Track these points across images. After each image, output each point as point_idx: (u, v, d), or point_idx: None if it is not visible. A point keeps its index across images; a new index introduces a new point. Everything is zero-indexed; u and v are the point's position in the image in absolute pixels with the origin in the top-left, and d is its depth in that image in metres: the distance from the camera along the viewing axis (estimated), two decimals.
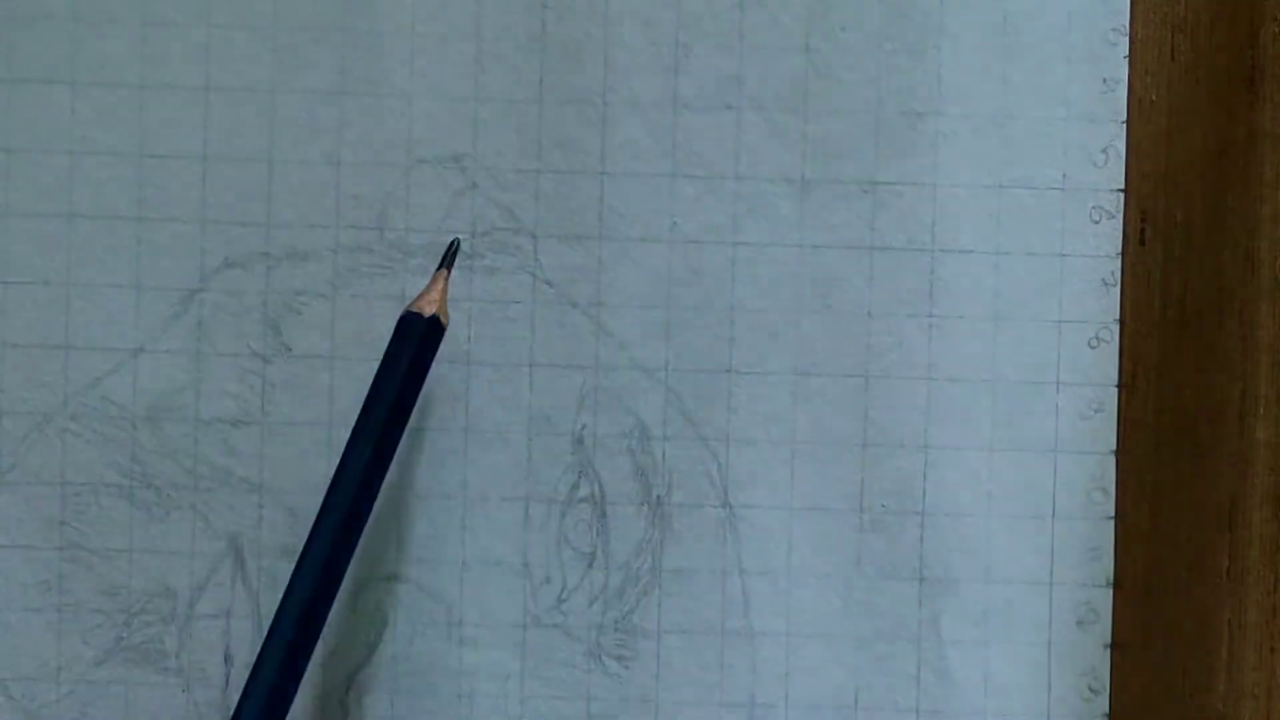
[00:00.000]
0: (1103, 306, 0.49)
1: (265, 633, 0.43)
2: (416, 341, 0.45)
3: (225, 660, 0.48)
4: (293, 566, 0.44)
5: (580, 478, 0.48)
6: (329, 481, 0.44)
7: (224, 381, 0.48)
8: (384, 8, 0.48)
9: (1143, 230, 0.49)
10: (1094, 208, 0.49)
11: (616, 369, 0.48)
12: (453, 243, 0.46)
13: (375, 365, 0.47)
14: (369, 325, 0.48)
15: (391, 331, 0.45)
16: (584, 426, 0.48)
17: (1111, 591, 0.48)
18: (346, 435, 0.46)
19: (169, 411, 0.48)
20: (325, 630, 0.44)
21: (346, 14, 0.48)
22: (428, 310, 0.45)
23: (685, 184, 0.48)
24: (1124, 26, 0.49)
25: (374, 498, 0.44)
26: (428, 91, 0.48)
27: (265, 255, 0.48)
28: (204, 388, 0.48)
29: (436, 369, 0.48)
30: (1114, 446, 0.49)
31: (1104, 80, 0.49)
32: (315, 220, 0.48)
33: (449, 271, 0.46)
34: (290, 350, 0.48)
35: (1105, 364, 0.49)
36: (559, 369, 0.48)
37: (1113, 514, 0.49)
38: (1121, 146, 0.49)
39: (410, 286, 0.48)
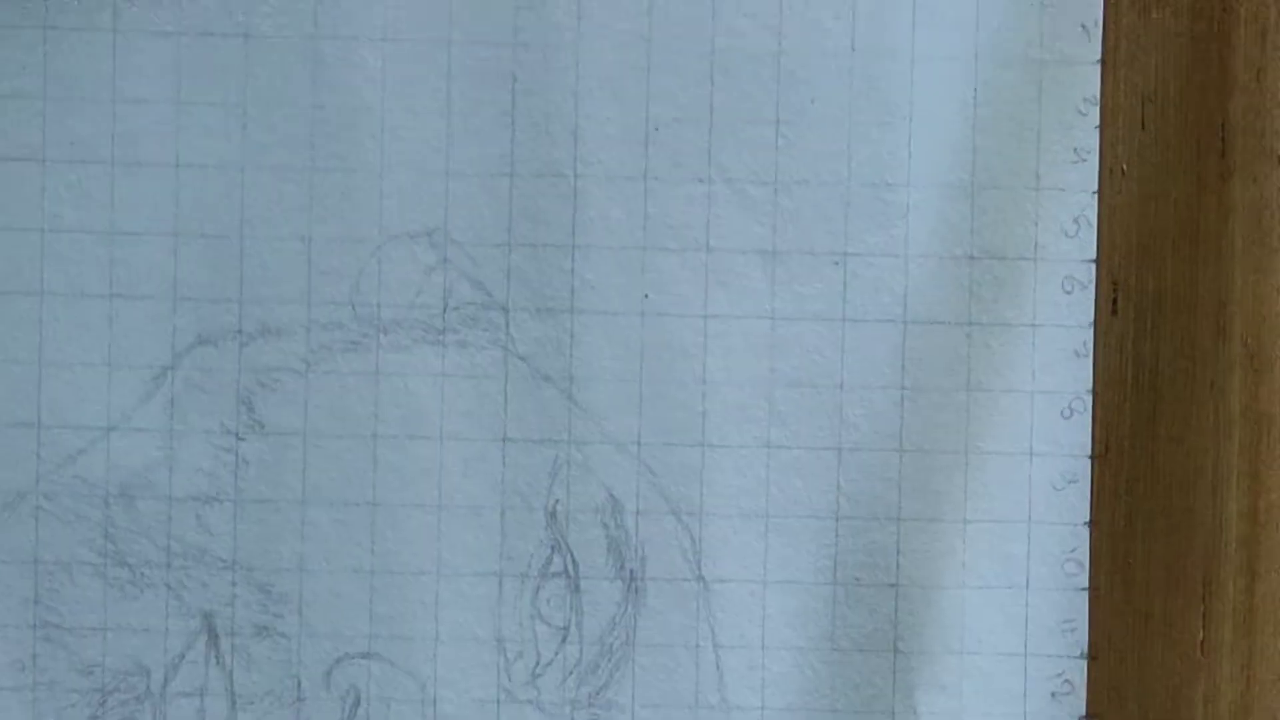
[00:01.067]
0: (1075, 377, 0.49)
1: (238, 710, 0.43)
2: None
3: None
4: (266, 645, 0.44)
5: (553, 552, 0.48)
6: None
7: (197, 459, 0.48)
8: (353, 83, 0.48)
9: (1115, 300, 0.49)
10: (1066, 278, 0.49)
11: (589, 443, 0.48)
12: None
13: (349, 442, 0.48)
14: (342, 402, 0.48)
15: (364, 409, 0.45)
16: (557, 501, 0.48)
17: (1086, 663, 0.48)
18: (320, 512, 0.47)
19: (142, 489, 0.48)
20: (298, 709, 0.44)
21: (316, 90, 0.48)
22: None
23: (657, 256, 0.48)
24: (1094, 97, 0.49)
25: None
26: (398, 166, 0.48)
27: (237, 332, 0.48)
28: (177, 465, 0.48)
29: (410, 443, 0.48)
30: (1088, 518, 0.49)
31: (1074, 150, 0.49)
32: (287, 296, 0.48)
33: None
34: (263, 427, 0.48)
35: (1078, 434, 0.49)
36: (531, 443, 0.48)
37: (1087, 585, 0.49)
38: (1093, 217, 0.49)
39: (384, 362, 0.48)
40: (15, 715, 0.48)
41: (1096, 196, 0.49)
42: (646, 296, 0.48)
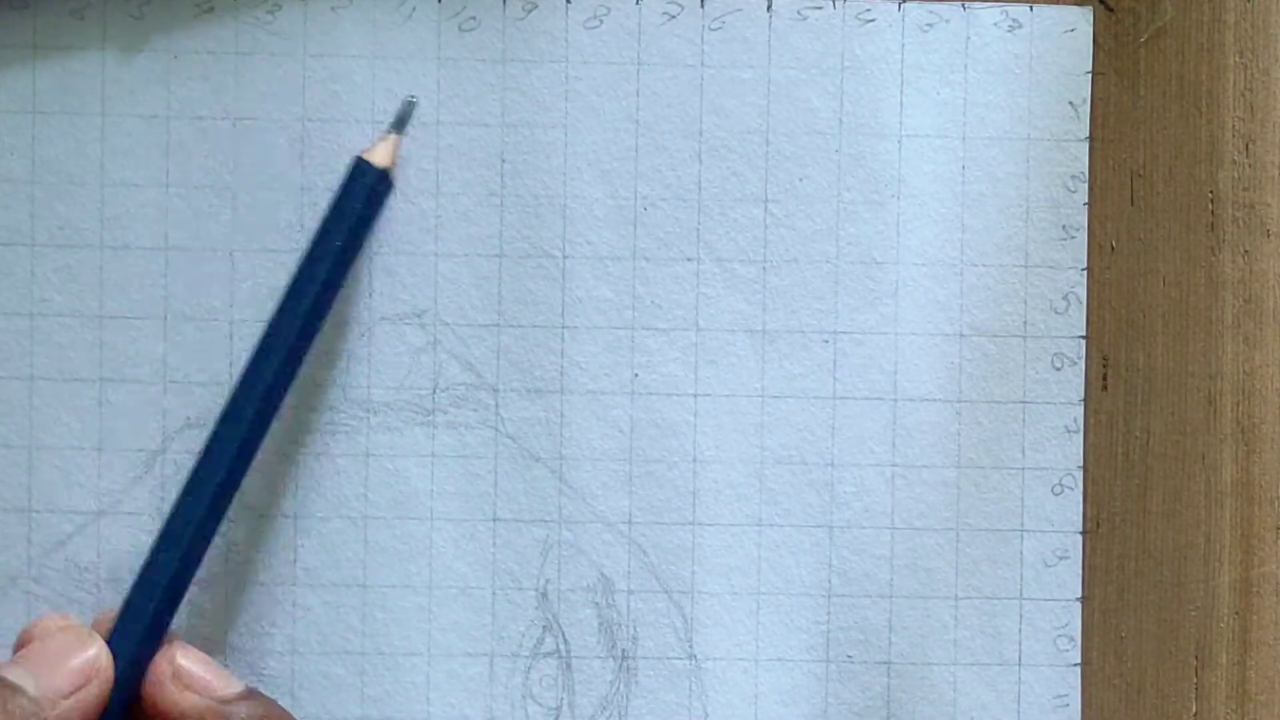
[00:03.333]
0: (1065, 453, 0.49)
1: None
2: (366, 190, 0.46)
3: None
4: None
5: (545, 632, 0.48)
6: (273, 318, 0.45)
7: None
8: (341, 165, 0.48)
9: (1105, 376, 0.49)
10: (1055, 354, 0.49)
11: (580, 522, 0.48)
12: (407, 101, 0.47)
13: (339, 524, 0.48)
14: (332, 483, 0.48)
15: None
16: (548, 581, 0.48)
17: None
18: (311, 595, 0.47)
19: (133, 573, 0.48)
20: None
21: (304, 172, 0.48)
22: (379, 161, 0.46)
23: (646, 336, 0.48)
24: (1083, 173, 0.49)
25: (308, 345, 0.46)
26: (387, 248, 0.48)
27: None
28: None
29: (401, 524, 0.48)
30: (1079, 593, 0.49)
31: (1063, 227, 0.49)
32: None
33: (400, 134, 0.47)
34: (253, 509, 0.48)
35: (1069, 510, 0.49)
36: (522, 523, 0.48)
37: (1079, 660, 0.49)
38: (1082, 293, 0.49)
39: (374, 443, 0.48)
40: None
41: (1086, 273, 0.49)
42: (636, 376, 0.48)
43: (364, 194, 0.46)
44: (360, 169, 0.46)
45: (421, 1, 0.48)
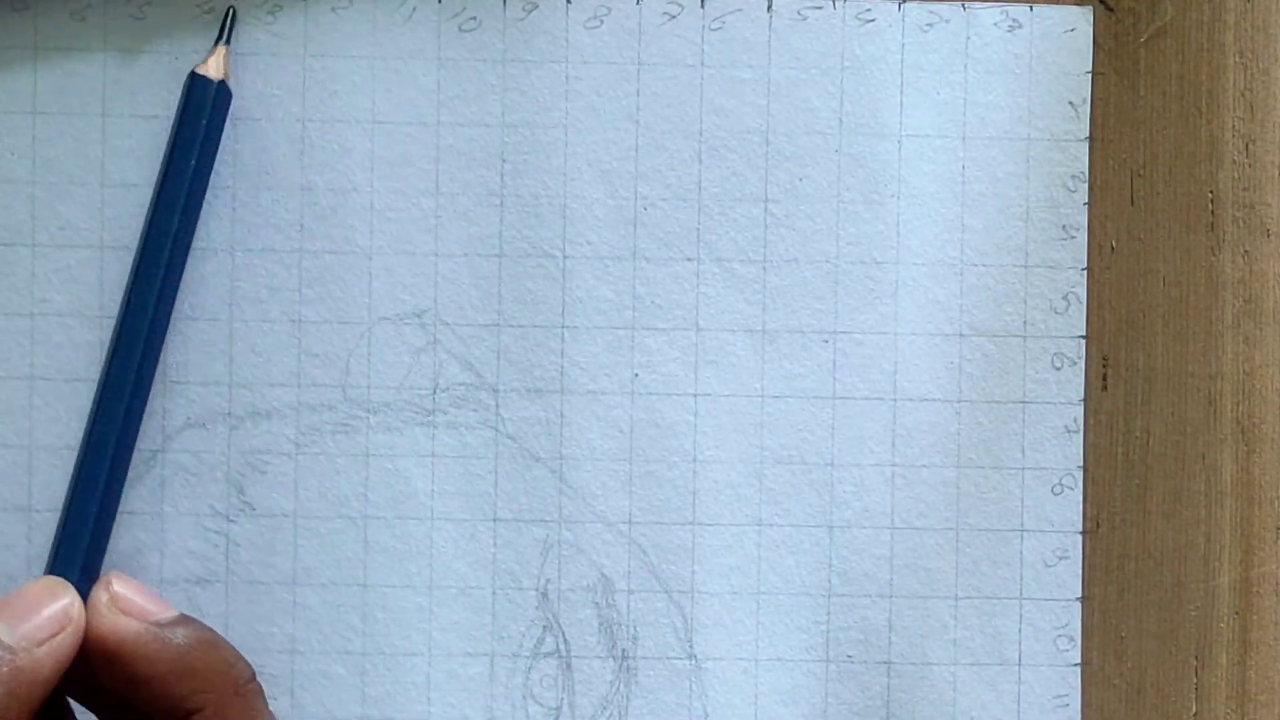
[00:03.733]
0: (1065, 453, 0.49)
1: None
2: (208, 104, 0.47)
3: None
4: None
5: (545, 632, 0.48)
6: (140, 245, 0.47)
7: (187, 541, 0.48)
8: (342, 165, 0.48)
9: (1105, 376, 0.49)
10: (1055, 354, 0.49)
11: (580, 522, 0.48)
12: (228, 12, 0.48)
13: (339, 523, 0.48)
14: (332, 483, 0.48)
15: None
16: (548, 581, 0.48)
17: None
18: (311, 594, 0.47)
19: (133, 572, 0.48)
20: None
21: (305, 172, 0.48)
22: (214, 74, 0.47)
23: (646, 336, 0.48)
24: (1083, 173, 0.49)
25: (181, 267, 0.47)
26: (387, 248, 0.48)
27: (227, 415, 0.48)
28: (167, 548, 0.48)
29: (401, 524, 0.48)
30: (1079, 593, 0.49)
31: (1063, 227, 0.49)
32: (277, 379, 0.48)
33: (228, 46, 0.48)
34: (254, 509, 0.48)
35: (1069, 510, 0.49)
36: (522, 523, 0.48)
37: (1079, 661, 0.49)
38: (1082, 293, 0.49)
39: (374, 444, 0.48)
40: None
41: (1086, 273, 0.49)
42: (636, 376, 0.48)
43: (206, 108, 0.47)
44: (196, 83, 0.47)
45: (422, 2, 0.48)
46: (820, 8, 0.48)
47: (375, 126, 0.48)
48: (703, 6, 0.48)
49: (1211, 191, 0.48)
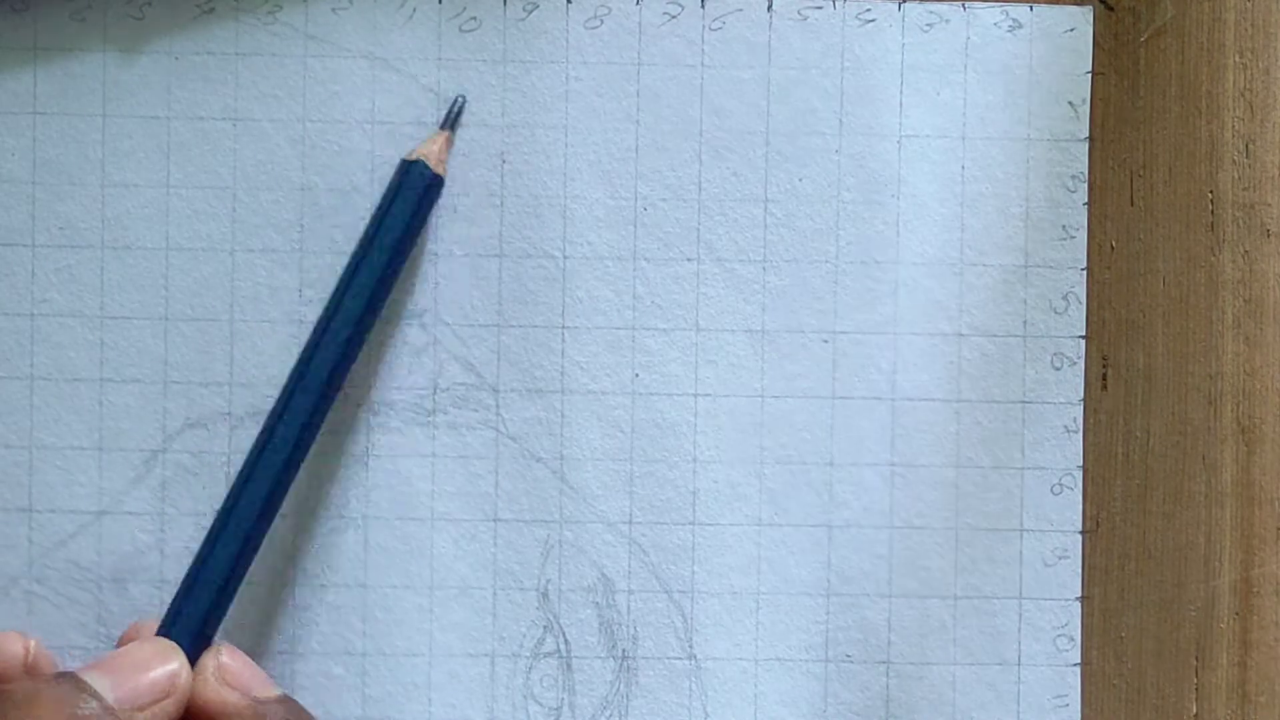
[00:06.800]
0: (1065, 453, 0.49)
1: None
2: (416, 192, 0.46)
3: None
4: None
5: (545, 632, 0.48)
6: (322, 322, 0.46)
7: (188, 542, 0.48)
8: (342, 165, 0.48)
9: (1104, 376, 0.49)
10: (1055, 354, 0.49)
11: (580, 522, 0.48)
12: (456, 100, 0.47)
13: (339, 523, 0.48)
14: (333, 483, 0.48)
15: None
16: (548, 581, 0.48)
17: None
18: (310, 594, 0.47)
19: (134, 573, 0.48)
20: None
21: (306, 173, 0.48)
22: (430, 161, 0.46)
23: (646, 336, 0.48)
24: (1082, 173, 0.49)
25: (360, 342, 0.46)
26: None
27: (227, 415, 0.48)
28: (168, 548, 0.48)
29: (401, 524, 0.48)
30: (1078, 593, 0.49)
31: (1063, 227, 0.49)
32: (277, 379, 0.48)
33: (451, 132, 0.47)
34: None
35: (1068, 510, 0.49)
36: (523, 523, 0.48)
37: (1078, 661, 0.49)
38: (1082, 293, 0.49)
39: (374, 444, 0.48)
40: None
41: (1085, 273, 0.49)
42: (636, 376, 0.48)
43: (414, 197, 0.46)
44: (408, 170, 0.47)
45: (422, 2, 0.48)
46: (820, 8, 0.48)
47: (376, 127, 0.48)
48: (703, 6, 0.48)
49: (1211, 191, 0.48)
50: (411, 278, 0.48)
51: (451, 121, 0.47)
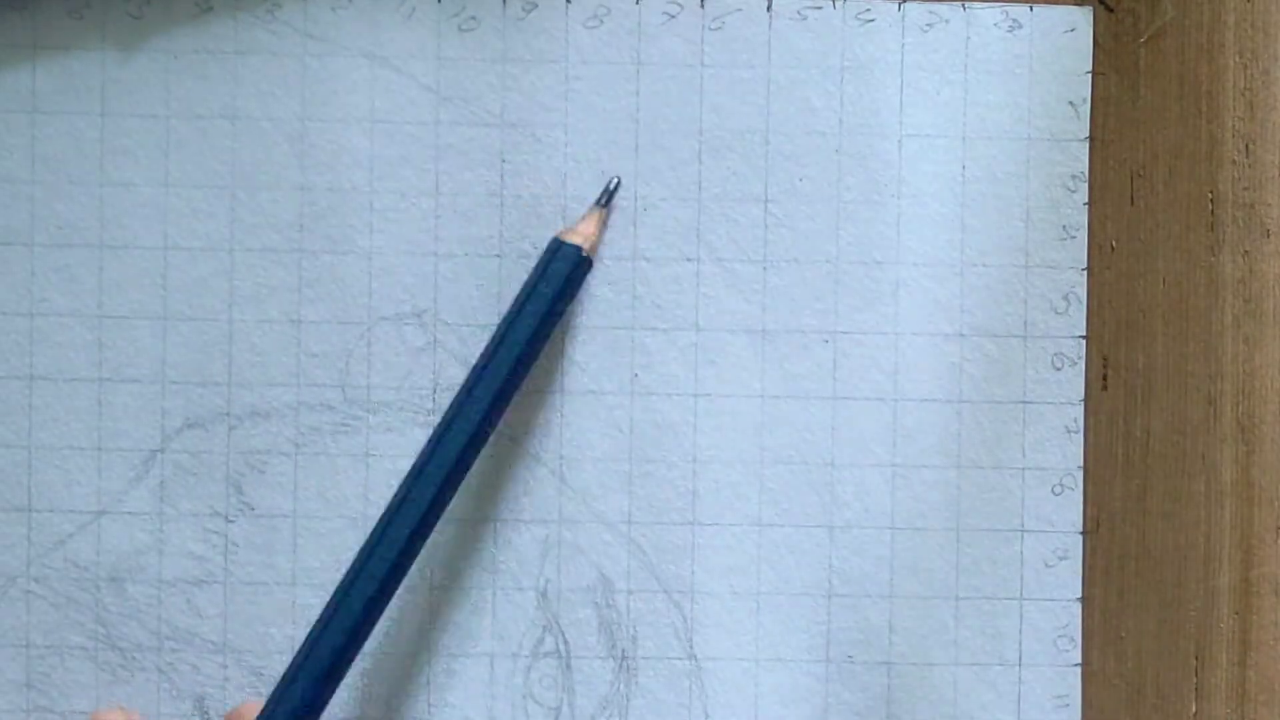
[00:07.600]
0: (1065, 453, 0.49)
1: None
2: (564, 273, 0.46)
3: None
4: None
5: (545, 632, 0.48)
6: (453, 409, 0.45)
7: (187, 542, 0.48)
8: (341, 165, 0.48)
9: (1105, 376, 0.49)
10: (1056, 355, 0.49)
11: (579, 522, 0.48)
12: (611, 180, 0.47)
13: (339, 524, 0.48)
14: (332, 483, 0.48)
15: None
16: (548, 581, 0.48)
17: None
18: (310, 595, 0.47)
19: (132, 573, 0.48)
20: None
21: (304, 172, 0.48)
22: (580, 242, 0.46)
23: (646, 336, 0.48)
24: (1083, 173, 0.49)
25: (499, 416, 0.46)
26: (386, 248, 0.48)
27: (226, 415, 0.48)
28: (167, 548, 0.48)
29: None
30: (1079, 593, 0.49)
31: (1063, 227, 0.49)
32: (276, 379, 0.48)
33: (605, 210, 0.47)
34: (253, 509, 0.48)
35: (1069, 511, 0.49)
36: (522, 523, 0.48)
37: (1079, 661, 0.49)
38: (1082, 293, 0.49)
39: (374, 443, 0.48)
40: None
41: (1086, 273, 0.49)
42: (636, 376, 0.48)
43: (563, 275, 0.46)
44: (560, 251, 0.46)
45: (421, 1, 0.48)
46: (820, 8, 0.48)
47: (375, 126, 0.48)
48: (703, 6, 0.48)
49: (1211, 191, 0.48)
50: (410, 277, 0.48)
51: (606, 200, 0.47)
